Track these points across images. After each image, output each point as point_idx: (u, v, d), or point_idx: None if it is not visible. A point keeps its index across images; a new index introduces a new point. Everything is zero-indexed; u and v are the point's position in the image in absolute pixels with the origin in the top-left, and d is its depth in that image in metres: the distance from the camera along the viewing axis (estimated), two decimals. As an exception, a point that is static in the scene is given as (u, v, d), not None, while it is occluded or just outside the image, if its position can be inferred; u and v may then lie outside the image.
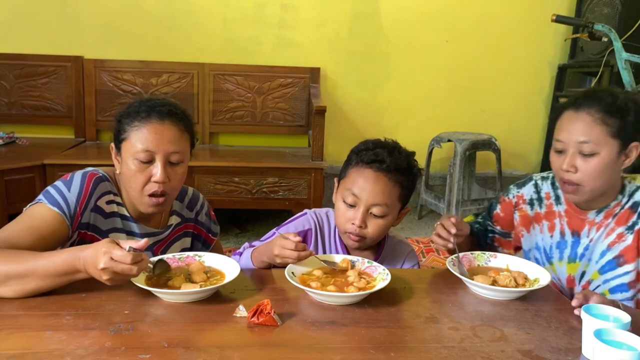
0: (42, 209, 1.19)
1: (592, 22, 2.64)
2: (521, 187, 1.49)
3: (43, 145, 3.21)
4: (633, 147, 1.24)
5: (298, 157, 3.24)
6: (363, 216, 1.29)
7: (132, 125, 1.23)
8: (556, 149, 1.29)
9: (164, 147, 1.22)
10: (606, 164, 1.22)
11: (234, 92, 3.54)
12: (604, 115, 1.21)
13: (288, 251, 1.17)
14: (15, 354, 0.85)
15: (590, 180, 1.23)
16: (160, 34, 3.48)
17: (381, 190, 1.28)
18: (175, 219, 1.42)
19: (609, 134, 1.21)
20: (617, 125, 1.21)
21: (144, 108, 1.24)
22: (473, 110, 3.85)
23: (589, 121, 1.22)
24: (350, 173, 1.32)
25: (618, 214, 1.29)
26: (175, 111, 1.26)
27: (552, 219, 1.41)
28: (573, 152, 1.24)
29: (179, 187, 1.31)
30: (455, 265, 1.27)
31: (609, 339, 0.84)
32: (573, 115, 1.25)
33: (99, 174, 1.29)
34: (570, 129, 1.24)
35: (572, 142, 1.24)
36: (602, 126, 1.21)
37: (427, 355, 0.91)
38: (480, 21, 3.70)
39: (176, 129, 1.25)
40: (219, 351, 0.89)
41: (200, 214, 1.49)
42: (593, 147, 1.21)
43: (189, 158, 1.32)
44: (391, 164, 1.28)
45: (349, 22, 3.62)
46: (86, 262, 1.00)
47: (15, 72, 3.35)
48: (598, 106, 1.22)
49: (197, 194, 1.50)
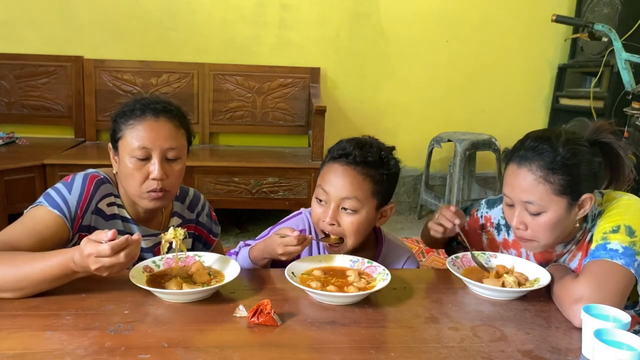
0: (42, 212, 1.19)
1: (592, 22, 2.64)
2: (491, 207, 1.44)
3: (43, 145, 3.21)
4: (587, 199, 1.15)
5: (298, 157, 3.24)
6: (334, 212, 1.25)
7: (128, 124, 1.23)
8: (505, 202, 1.23)
9: (160, 143, 1.22)
10: (556, 221, 1.15)
11: (234, 92, 3.54)
12: (546, 173, 1.13)
13: (292, 247, 1.18)
14: (15, 354, 0.85)
15: (541, 235, 1.17)
16: (160, 34, 3.48)
17: (349, 183, 1.24)
18: (176, 221, 1.41)
19: (553, 192, 1.13)
20: (561, 182, 1.12)
21: (138, 106, 1.24)
22: (473, 110, 3.86)
23: (531, 180, 1.14)
24: (322, 171, 1.32)
25: (582, 241, 1.25)
26: (170, 108, 1.27)
27: (519, 248, 1.37)
28: (520, 210, 1.18)
29: (178, 183, 1.31)
30: (456, 265, 1.27)
31: (608, 339, 0.84)
32: (515, 171, 1.18)
33: (100, 176, 1.29)
34: (514, 185, 1.18)
35: (518, 200, 1.17)
36: (545, 184, 1.13)
37: (427, 355, 0.91)
38: (480, 21, 3.71)
39: (171, 125, 1.25)
40: (219, 351, 0.89)
41: (202, 215, 1.48)
42: (539, 206, 1.14)
43: (186, 154, 1.32)
44: (359, 155, 1.25)
45: (349, 22, 3.62)
46: (81, 265, 1.01)
47: (15, 72, 3.35)
48: (539, 162, 1.14)
49: (198, 195, 1.50)
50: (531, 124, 3.88)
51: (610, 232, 1.14)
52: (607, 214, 1.19)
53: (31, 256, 1.04)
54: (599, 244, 1.14)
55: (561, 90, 3.71)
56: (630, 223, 1.14)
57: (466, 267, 1.29)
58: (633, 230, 1.12)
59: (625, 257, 1.09)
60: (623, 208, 1.18)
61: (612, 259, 1.09)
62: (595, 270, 1.09)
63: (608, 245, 1.12)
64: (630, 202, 1.19)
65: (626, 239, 1.11)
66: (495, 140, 3.43)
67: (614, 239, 1.12)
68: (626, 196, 1.22)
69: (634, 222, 1.14)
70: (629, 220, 1.14)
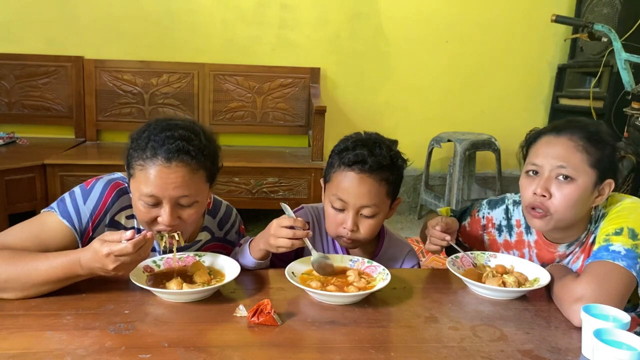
0: (52, 220, 1.15)
1: (591, 22, 2.64)
2: (493, 208, 1.44)
3: (43, 145, 3.22)
4: (607, 185, 1.18)
5: (298, 157, 3.24)
6: (354, 220, 1.25)
7: (138, 163, 1.11)
8: (529, 172, 1.22)
9: (170, 193, 1.10)
10: (580, 194, 1.16)
11: (234, 92, 3.54)
12: (586, 143, 1.16)
13: (284, 230, 1.12)
14: (15, 354, 0.86)
15: (561, 208, 1.16)
16: (160, 34, 3.48)
17: (368, 192, 1.23)
18: (205, 236, 1.33)
19: (589, 162, 1.15)
20: (598, 155, 1.16)
21: (151, 144, 1.10)
22: (473, 110, 3.86)
23: (570, 146, 1.17)
24: (334, 177, 1.28)
25: (585, 243, 1.25)
26: (188, 147, 1.10)
27: (521, 249, 1.37)
28: (549, 177, 1.17)
29: (194, 224, 1.20)
30: (455, 265, 1.27)
31: (608, 339, 0.84)
32: (552, 140, 1.19)
33: (123, 185, 1.21)
34: (548, 152, 1.18)
35: (550, 166, 1.17)
36: (583, 153, 1.15)
37: (427, 355, 0.91)
38: (480, 21, 3.70)
39: (185, 171, 1.10)
40: (219, 351, 0.89)
41: (230, 233, 1.39)
42: (571, 172, 1.15)
43: (205, 195, 1.20)
44: (374, 163, 1.23)
45: (349, 22, 3.62)
46: (89, 267, 1.01)
47: (16, 72, 3.36)
48: (580, 133, 1.17)
49: (229, 211, 1.39)
50: (531, 124, 3.83)
51: (613, 234, 1.14)
52: (611, 216, 1.19)
53: (35, 256, 1.04)
54: (601, 245, 1.14)
55: (561, 91, 3.71)
56: (633, 226, 1.14)
57: (466, 267, 1.29)
58: (636, 233, 1.12)
59: (627, 259, 1.09)
60: (627, 211, 1.18)
61: (614, 261, 1.09)
62: (596, 270, 1.09)
63: (610, 246, 1.12)
64: (633, 205, 1.20)
65: (629, 241, 1.11)
66: (495, 140, 3.43)
67: (617, 241, 1.12)
68: (629, 199, 1.22)
69: (637, 225, 1.14)
70: (632, 223, 1.14)
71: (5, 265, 1.02)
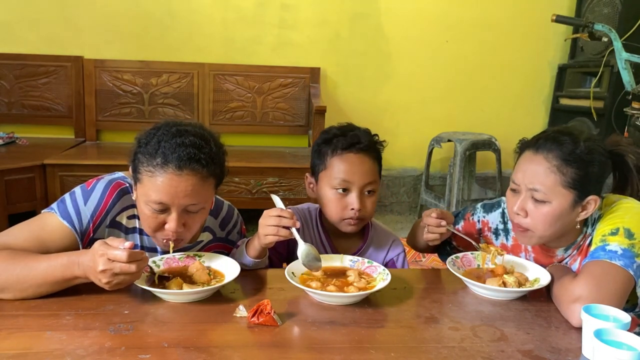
0: (52, 220, 1.14)
1: (592, 22, 2.64)
2: (488, 211, 1.42)
3: (43, 145, 3.21)
4: (591, 200, 1.16)
5: (298, 157, 3.24)
6: (360, 198, 1.31)
7: (147, 169, 1.09)
8: (511, 188, 1.23)
9: (179, 201, 1.09)
10: (557, 215, 1.15)
11: (234, 92, 3.54)
12: (561, 164, 1.14)
13: (271, 219, 1.14)
14: (15, 354, 0.85)
15: (539, 226, 1.17)
16: (160, 34, 3.48)
17: (369, 169, 1.33)
18: (207, 236, 1.32)
19: (562, 184, 1.14)
20: (573, 175, 1.13)
21: (162, 151, 1.08)
22: (473, 110, 3.86)
23: (545, 167, 1.15)
24: (331, 163, 1.33)
25: (582, 245, 1.24)
26: (199, 155, 1.09)
27: (518, 253, 1.36)
28: (525, 196, 1.18)
29: (198, 229, 1.21)
30: (456, 265, 1.27)
31: (608, 339, 0.84)
32: (531, 157, 1.18)
33: (124, 185, 1.20)
34: (525, 170, 1.18)
35: (524, 187, 1.18)
36: (557, 175, 1.14)
37: (427, 355, 0.91)
38: (480, 21, 3.70)
39: (196, 179, 1.09)
40: (219, 351, 0.89)
41: (232, 233, 1.39)
42: (544, 195, 1.15)
43: (212, 201, 1.21)
44: (368, 142, 1.33)
45: (349, 22, 3.62)
46: (85, 268, 1.00)
47: (15, 72, 3.35)
48: (557, 151, 1.15)
49: (231, 211, 1.39)
50: (531, 124, 3.89)
51: (609, 235, 1.14)
52: (607, 217, 1.19)
53: (34, 257, 1.04)
54: (598, 245, 1.14)
55: (561, 90, 3.71)
56: (629, 226, 1.14)
57: (466, 267, 1.29)
58: (632, 233, 1.12)
59: (624, 258, 1.09)
60: (622, 211, 1.18)
61: (611, 260, 1.09)
62: (593, 270, 1.09)
63: (607, 246, 1.12)
64: (629, 206, 1.19)
65: (625, 241, 1.11)
66: (495, 140, 3.43)
67: (613, 240, 1.12)
68: (625, 200, 1.22)
69: (633, 225, 1.14)
70: (628, 223, 1.14)
71: (5, 265, 1.02)
